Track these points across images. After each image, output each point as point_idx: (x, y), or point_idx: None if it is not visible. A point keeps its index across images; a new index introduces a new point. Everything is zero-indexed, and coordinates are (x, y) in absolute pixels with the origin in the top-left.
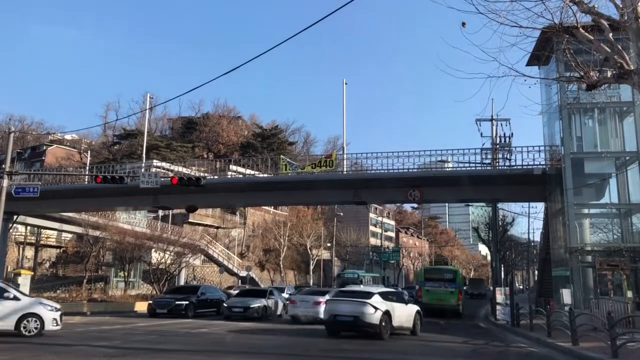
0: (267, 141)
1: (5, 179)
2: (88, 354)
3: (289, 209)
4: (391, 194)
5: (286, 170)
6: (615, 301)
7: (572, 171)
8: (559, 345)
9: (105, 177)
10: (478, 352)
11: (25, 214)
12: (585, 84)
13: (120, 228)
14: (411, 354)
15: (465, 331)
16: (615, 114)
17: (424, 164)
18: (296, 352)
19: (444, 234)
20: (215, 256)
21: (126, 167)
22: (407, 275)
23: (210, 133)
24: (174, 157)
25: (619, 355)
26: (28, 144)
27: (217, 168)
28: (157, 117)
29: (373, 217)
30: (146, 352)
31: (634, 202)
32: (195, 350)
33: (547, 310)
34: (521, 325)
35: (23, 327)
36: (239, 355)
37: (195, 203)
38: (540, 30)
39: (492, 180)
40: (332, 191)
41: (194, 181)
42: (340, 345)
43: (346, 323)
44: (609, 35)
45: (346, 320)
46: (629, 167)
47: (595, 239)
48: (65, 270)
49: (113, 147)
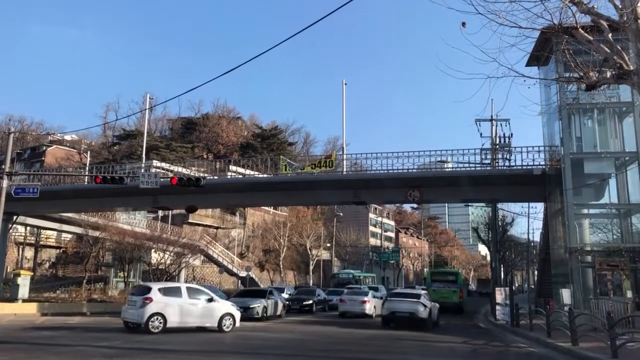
0: (267, 141)
1: (5, 180)
2: (88, 354)
3: (288, 209)
4: (391, 194)
5: (286, 170)
6: (615, 301)
7: (571, 171)
8: (559, 346)
9: (105, 178)
10: (478, 352)
11: (25, 214)
12: (584, 84)
13: (119, 228)
14: (411, 354)
15: (465, 331)
16: (615, 114)
17: (424, 164)
18: (295, 352)
19: (444, 234)
20: (215, 256)
21: (126, 167)
22: (407, 276)
23: (210, 133)
24: (174, 158)
25: (618, 355)
26: (28, 145)
27: (216, 168)
28: (156, 118)
29: (373, 218)
30: (146, 352)
31: (633, 202)
32: (195, 350)
33: (546, 310)
34: (521, 326)
35: (223, 324)
36: (239, 355)
37: (195, 203)
38: (539, 31)
39: (492, 180)
40: (332, 191)
41: (194, 182)
42: (336, 346)
43: (403, 317)
44: (608, 35)
45: (403, 315)
46: (629, 167)
47: (595, 239)
48: (65, 271)
49: (113, 148)
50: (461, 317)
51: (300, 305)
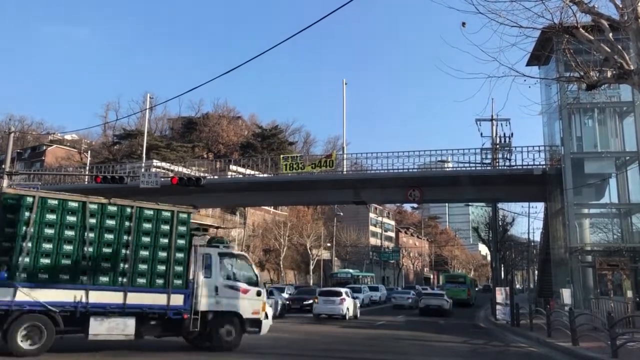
0: (267, 141)
1: (5, 179)
2: (88, 355)
3: (289, 209)
4: (391, 193)
5: (286, 170)
6: (615, 301)
7: (572, 171)
8: (559, 345)
9: (105, 177)
10: (478, 352)
11: None
12: (585, 84)
13: None
14: (411, 354)
15: (465, 331)
16: (615, 114)
17: (424, 164)
18: (297, 352)
19: (444, 234)
20: None
21: (126, 167)
22: (407, 275)
23: (210, 133)
24: (174, 157)
25: (618, 355)
26: (28, 144)
27: (217, 168)
28: (157, 117)
29: (373, 217)
30: (146, 353)
31: (633, 202)
32: (195, 350)
33: (547, 310)
34: (521, 325)
35: None
36: (240, 355)
37: (195, 203)
38: (540, 30)
39: (492, 180)
40: (332, 191)
41: (194, 181)
42: (337, 346)
43: (434, 309)
44: (609, 35)
45: (434, 307)
46: (629, 167)
47: (595, 239)
48: None
49: (113, 147)
50: (461, 316)
51: (300, 305)
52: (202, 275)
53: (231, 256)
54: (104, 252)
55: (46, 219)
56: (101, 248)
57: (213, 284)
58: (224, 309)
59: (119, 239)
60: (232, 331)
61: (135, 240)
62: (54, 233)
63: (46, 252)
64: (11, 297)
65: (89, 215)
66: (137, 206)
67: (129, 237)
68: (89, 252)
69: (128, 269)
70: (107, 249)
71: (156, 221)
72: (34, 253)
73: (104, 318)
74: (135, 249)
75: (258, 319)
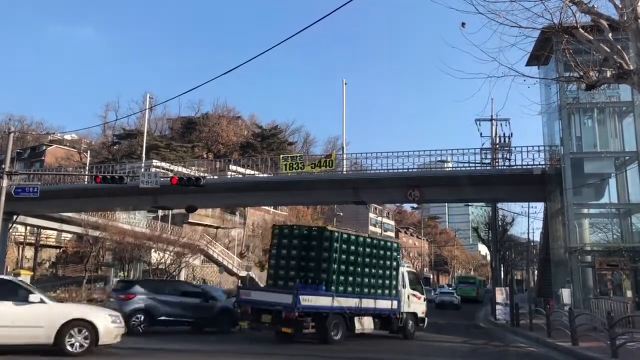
0: (267, 141)
1: (5, 179)
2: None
3: (288, 208)
4: (391, 193)
5: (286, 170)
6: (614, 301)
7: (571, 171)
8: (559, 345)
9: (104, 177)
10: (478, 352)
11: (25, 214)
12: (584, 84)
13: (119, 228)
14: (411, 354)
15: (465, 331)
16: (615, 114)
17: (424, 164)
18: (297, 352)
19: (444, 233)
20: (215, 256)
21: (126, 167)
22: None
23: (209, 133)
24: (174, 157)
25: (618, 355)
26: (28, 144)
27: (216, 168)
28: (156, 117)
29: (373, 217)
30: (146, 353)
31: (633, 202)
32: (195, 350)
33: (546, 310)
34: (521, 325)
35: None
36: (241, 355)
37: (195, 203)
38: (539, 30)
39: (492, 180)
40: (331, 191)
41: (194, 181)
42: (338, 346)
43: (448, 304)
44: (608, 35)
45: (447, 302)
46: (629, 167)
47: (594, 238)
48: (65, 270)
49: (113, 147)
50: (461, 313)
51: None
52: (401, 287)
53: (411, 273)
54: (366, 271)
55: (343, 247)
56: (371, 269)
57: (407, 293)
58: (410, 310)
59: (376, 263)
60: (414, 326)
61: (377, 262)
62: (345, 258)
63: (342, 271)
64: (330, 304)
65: (365, 245)
66: (378, 239)
67: (374, 260)
68: (363, 272)
69: (375, 283)
70: (371, 269)
71: (386, 250)
72: (338, 272)
73: (361, 317)
74: (377, 270)
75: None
